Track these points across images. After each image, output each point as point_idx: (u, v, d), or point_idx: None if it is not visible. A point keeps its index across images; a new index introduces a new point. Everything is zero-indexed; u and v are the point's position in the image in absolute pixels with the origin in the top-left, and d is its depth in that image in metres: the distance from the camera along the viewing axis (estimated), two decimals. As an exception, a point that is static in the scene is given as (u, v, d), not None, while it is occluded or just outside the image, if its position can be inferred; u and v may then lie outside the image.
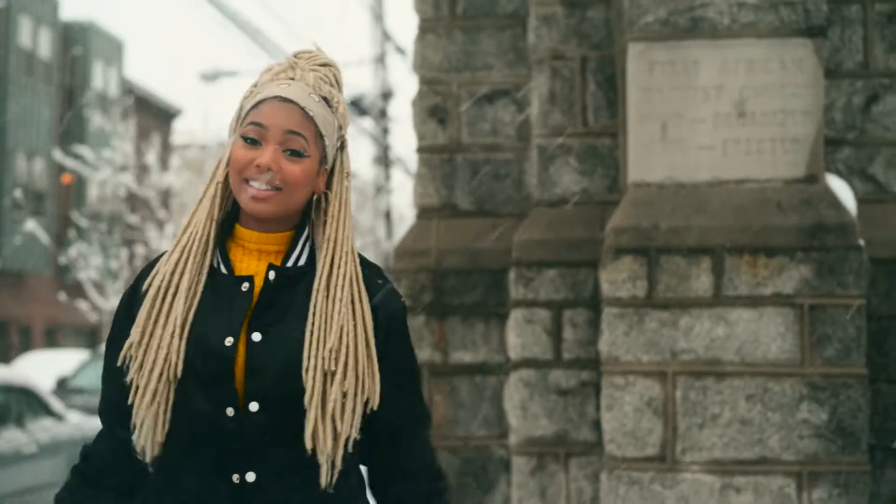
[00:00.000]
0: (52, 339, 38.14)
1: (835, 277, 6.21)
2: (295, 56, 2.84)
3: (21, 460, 12.07)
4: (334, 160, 2.81)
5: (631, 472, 6.24)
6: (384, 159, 30.87)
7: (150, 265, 2.82)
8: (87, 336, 39.96)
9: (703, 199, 6.37)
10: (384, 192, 31.21)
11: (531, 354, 7.12)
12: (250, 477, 2.66)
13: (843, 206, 6.33)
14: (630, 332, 6.26)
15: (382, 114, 29.90)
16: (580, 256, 7.13)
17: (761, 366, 6.19)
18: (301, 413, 2.66)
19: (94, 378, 18.13)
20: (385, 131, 30.38)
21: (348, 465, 2.73)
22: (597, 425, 6.94)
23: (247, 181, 2.70)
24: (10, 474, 11.86)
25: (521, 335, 7.14)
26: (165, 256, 2.77)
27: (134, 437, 2.71)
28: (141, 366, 2.68)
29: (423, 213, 7.94)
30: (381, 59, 29.52)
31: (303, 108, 2.72)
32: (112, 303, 33.28)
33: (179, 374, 2.65)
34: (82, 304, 34.04)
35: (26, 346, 35.80)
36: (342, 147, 2.82)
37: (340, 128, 2.80)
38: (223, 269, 2.74)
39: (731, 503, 6.16)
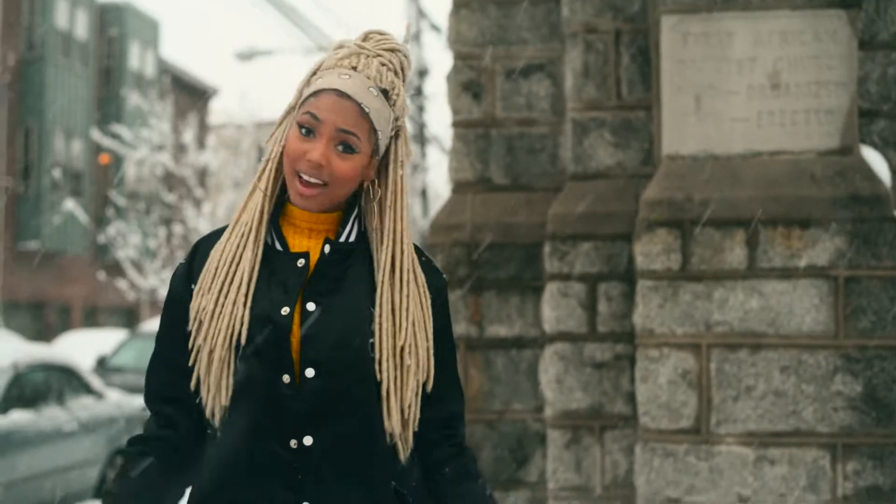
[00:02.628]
0: (92, 318, 38.37)
1: (869, 249, 6.20)
2: (365, 37, 2.86)
3: (62, 438, 12.19)
4: (388, 148, 2.85)
5: (665, 444, 6.26)
6: (420, 137, 30.88)
7: (208, 239, 2.91)
8: (125, 315, 40.19)
9: (737, 171, 6.37)
10: (420, 171, 31.23)
11: (566, 328, 7.14)
12: (307, 441, 2.73)
13: (878, 178, 6.32)
14: (664, 305, 6.27)
15: (418, 91, 29.90)
16: (614, 229, 7.14)
17: (795, 338, 6.19)
18: (356, 380, 2.76)
19: (133, 357, 18.28)
20: (420, 109, 30.39)
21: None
22: (632, 398, 6.96)
23: (298, 175, 2.76)
24: (50, 451, 11.98)
25: (556, 308, 7.16)
26: (227, 232, 2.85)
27: (203, 401, 2.79)
28: (207, 333, 2.76)
29: (458, 187, 7.96)
30: (416, 37, 29.50)
31: (359, 104, 2.75)
32: (150, 282, 33.47)
33: (243, 341, 2.74)
34: (121, 284, 34.23)
35: (66, 325, 36.04)
36: (397, 136, 2.86)
37: (397, 119, 2.83)
38: (278, 246, 2.82)
39: (765, 475, 6.17)
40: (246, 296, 2.76)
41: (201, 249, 2.89)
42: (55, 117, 34.92)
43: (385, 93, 2.80)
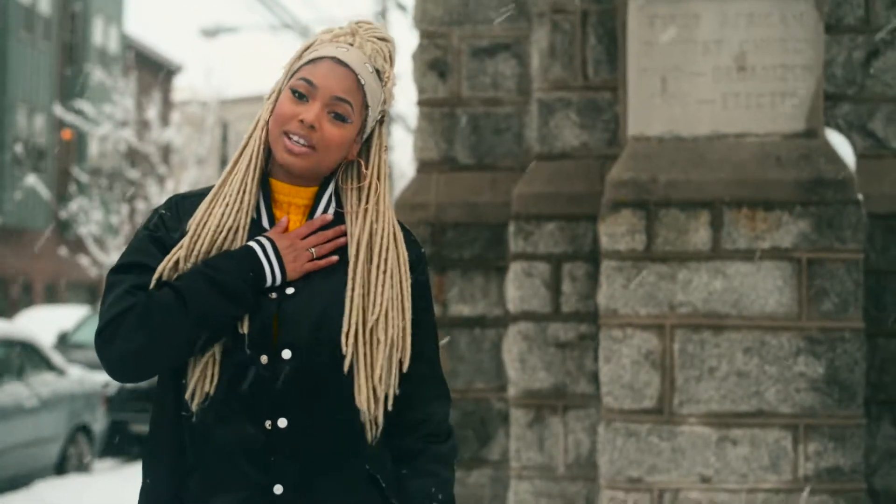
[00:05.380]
0: (53, 294, 38.19)
1: (833, 232, 6.22)
2: (356, 23, 2.88)
3: (22, 414, 12.13)
4: (372, 131, 2.86)
5: (628, 424, 6.27)
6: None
7: (186, 200, 2.85)
8: (87, 291, 40.02)
9: (703, 152, 6.38)
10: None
11: (530, 307, 7.15)
12: (282, 423, 2.72)
13: (842, 161, 6.34)
14: (628, 285, 6.28)
15: (383, 70, 29.81)
16: (579, 210, 7.15)
17: (759, 319, 6.22)
18: (331, 362, 2.75)
19: (94, 333, 18.15)
20: (386, 88, 30.29)
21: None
22: (595, 378, 6.98)
23: (286, 134, 2.75)
24: (11, 427, 11.93)
25: (520, 288, 7.17)
26: (211, 197, 2.80)
27: (185, 385, 2.76)
28: None
29: (423, 166, 7.95)
30: (382, 15, 29.42)
31: (356, 75, 2.76)
32: (113, 258, 33.30)
33: (247, 329, 2.73)
34: (83, 260, 34.07)
35: (27, 301, 35.85)
36: (382, 121, 2.87)
37: (385, 102, 2.84)
38: (265, 223, 2.82)
39: (727, 455, 6.20)
40: None
41: (185, 202, 2.84)
42: (17, 92, 34.67)
43: (378, 74, 2.82)
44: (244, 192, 2.79)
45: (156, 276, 2.74)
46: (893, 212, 6.88)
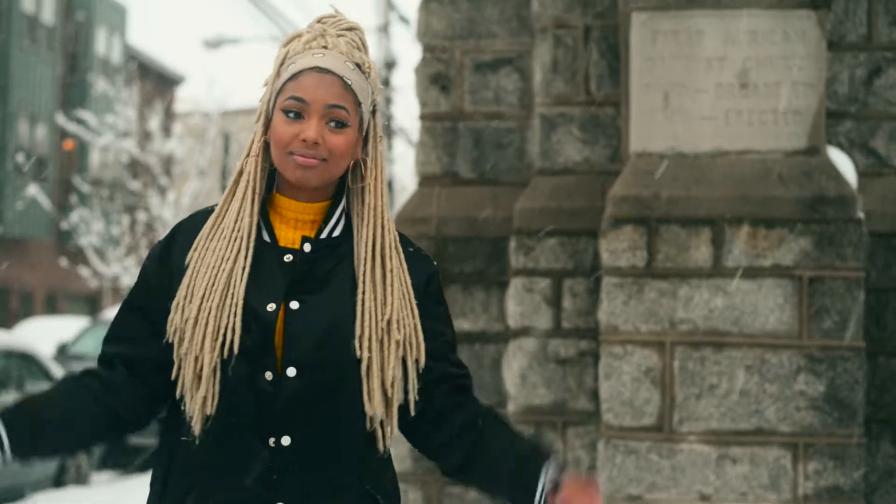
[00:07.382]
0: (53, 305, 38.17)
1: (834, 250, 6.21)
2: (319, 21, 2.85)
3: (21, 424, 12.09)
4: (368, 125, 2.83)
5: (628, 441, 6.26)
6: (386, 129, 30.85)
7: (189, 223, 2.84)
8: (87, 302, 39.99)
9: (704, 169, 6.37)
10: (386, 162, 31.14)
11: (531, 323, 7.13)
12: (285, 440, 2.70)
13: (844, 179, 6.33)
14: (629, 302, 6.27)
15: (385, 84, 29.87)
16: (581, 225, 7.13)
17: (759, 337, 6.20)
18: (337, 379, 2.72)
19: (94, 344, 18.15)
20: (387, 101, 30.35)
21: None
22: (595, 395, 6.96)
23: (292, 154, 2.72)
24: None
25: (520, 304, 7.15)
26: (207, 231, 2.79)
27: (187, 409, 2.73)
28: (191, 341, 2.71)
29: (425, 180, 7.94)
30: (384, 29, 29.45)
31: (342, 78, 2.74)
32: (113, 269, 33.31)
33: (236, 350, 2.69)
34: (83, 271, 34.05)
35: (27, 311, 35.83)
36: (373, 112, 2.85)
37: (372, 92, 2.83)
38: (266, 237, 2.79)
39: (727, 473, 6.18)
40: (236, 306, 2.71)
41: (181, 234, 2.83)
42: (20, 102, 34.70)
43: (359, 67, 2.79)
44: (240, 225, 2.76)
45: (169, 327, 2.75)
46: (895, 230, 6.87)
